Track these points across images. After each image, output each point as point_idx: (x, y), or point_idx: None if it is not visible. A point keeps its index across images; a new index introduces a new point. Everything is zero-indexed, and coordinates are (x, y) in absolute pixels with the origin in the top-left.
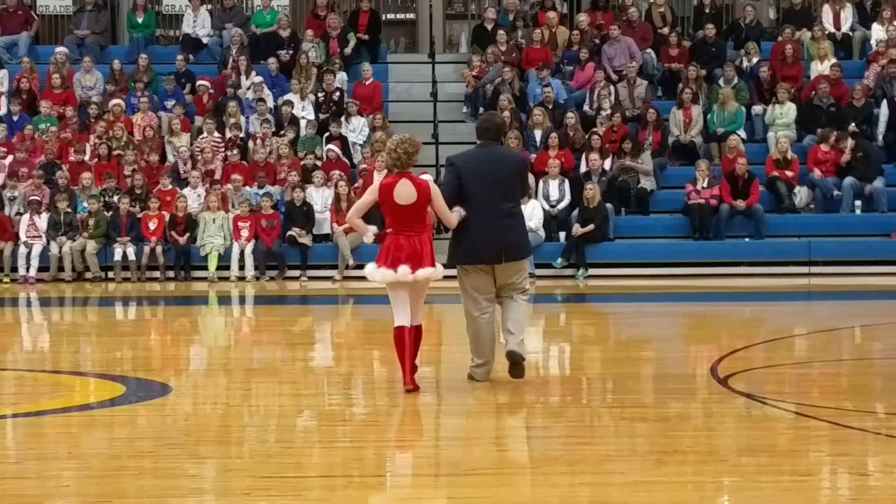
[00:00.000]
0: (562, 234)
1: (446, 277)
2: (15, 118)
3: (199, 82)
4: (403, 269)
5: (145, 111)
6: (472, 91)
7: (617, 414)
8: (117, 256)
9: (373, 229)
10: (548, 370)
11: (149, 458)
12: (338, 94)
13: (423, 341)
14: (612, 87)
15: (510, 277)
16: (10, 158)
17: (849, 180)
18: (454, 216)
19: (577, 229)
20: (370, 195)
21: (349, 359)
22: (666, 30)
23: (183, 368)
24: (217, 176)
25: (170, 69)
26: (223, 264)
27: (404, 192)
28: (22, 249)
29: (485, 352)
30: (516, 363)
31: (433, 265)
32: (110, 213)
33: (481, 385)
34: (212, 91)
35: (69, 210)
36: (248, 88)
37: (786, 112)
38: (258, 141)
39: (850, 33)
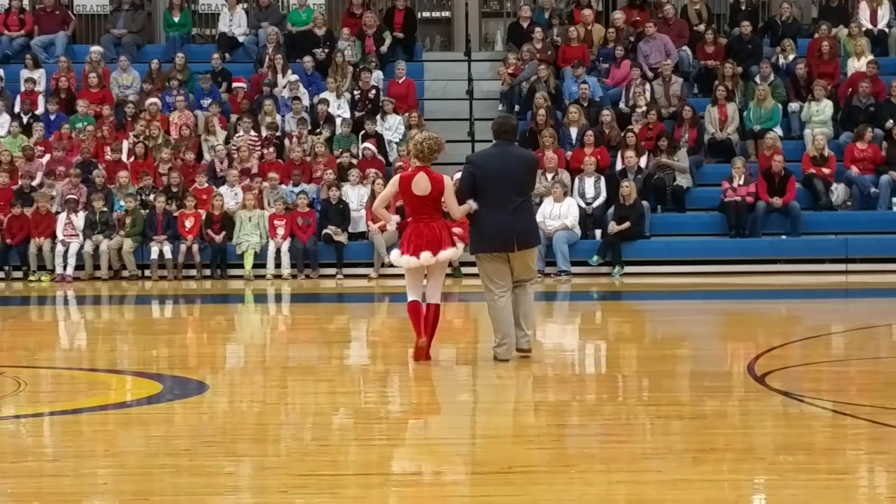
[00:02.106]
0: (598, 232)
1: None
2: (52, 117)
3: (234, 83)
4: (426, 255)
5: (182, 110)
6: (508, 89)
7: (653, 412)
8: (154, 255)
9: (396, 218)
10: (584, 368)
11: (185, 455)
12: (373, 92)
13: (458, 340)
14: (647, 85)
15: (524, 264)
16: (47, 157)
17: (886, 177)
18: (461, 209)
19: (612, 227)
20: (392, 187)
21: (385, 357)
22: (702, 27)
23: (219, 366)
24: (253, 172)
25: (206, 68)
26: (259, 262)
27: (421, 184)
28: (59, 248)
29: (503, 329)
30: (523, 354)
31: (453, 246)
32: (147, 211)
33: (517, 383)
34: (248, 90)
35: (105, 209)
36: (284, 87)
37: (822, 109)
38: (294, 139)
39: (887, 30)
